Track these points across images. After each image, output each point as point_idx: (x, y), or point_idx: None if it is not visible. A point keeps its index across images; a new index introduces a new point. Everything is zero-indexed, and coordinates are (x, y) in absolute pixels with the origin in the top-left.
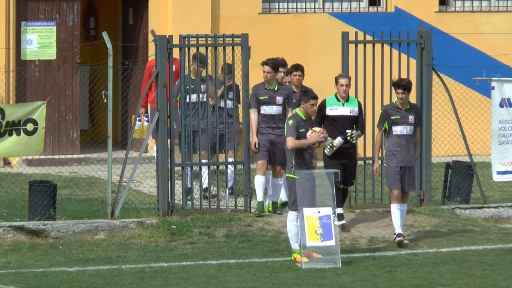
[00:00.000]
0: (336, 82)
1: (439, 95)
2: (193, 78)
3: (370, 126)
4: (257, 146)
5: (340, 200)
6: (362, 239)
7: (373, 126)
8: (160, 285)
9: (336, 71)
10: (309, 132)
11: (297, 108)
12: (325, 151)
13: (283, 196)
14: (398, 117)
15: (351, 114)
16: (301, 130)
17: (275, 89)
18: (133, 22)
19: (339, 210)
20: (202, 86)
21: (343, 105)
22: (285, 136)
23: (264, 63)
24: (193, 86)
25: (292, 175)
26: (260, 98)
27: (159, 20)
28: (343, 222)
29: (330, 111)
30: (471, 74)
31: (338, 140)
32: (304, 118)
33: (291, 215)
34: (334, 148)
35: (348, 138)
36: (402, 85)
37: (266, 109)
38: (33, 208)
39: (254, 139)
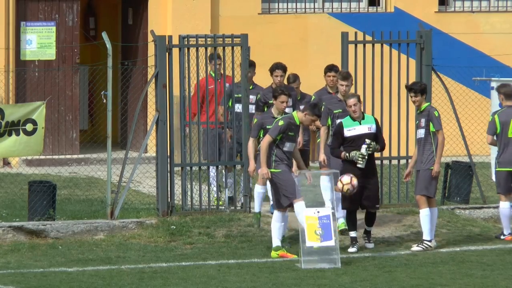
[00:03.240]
0: (346, 104)
1: (438, 95)
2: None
3: None
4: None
5: (367, 221)
6: (362, 239)
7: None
8: (160, 285)
9: None
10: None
11: (295, 112)
12: (358, 165)
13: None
14: (417, 121)
15: (370, 132)
16: (290, 133)
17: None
18: (133, 22)
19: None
20: (251, 96)
21: (360, 123)
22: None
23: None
24: (240, 95)
25: (273, 170)
26: (268, 127)
27: (158, 20)
28: (370, 245)
29: (348, 132)
30: (470, 74)
31: (364, 148)
32: (298, 123)
33: (277, 214)
34: (366, 157)
35: (366, 147)
36: (409, 88)
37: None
38: (33, 208)
39: (252, 166)
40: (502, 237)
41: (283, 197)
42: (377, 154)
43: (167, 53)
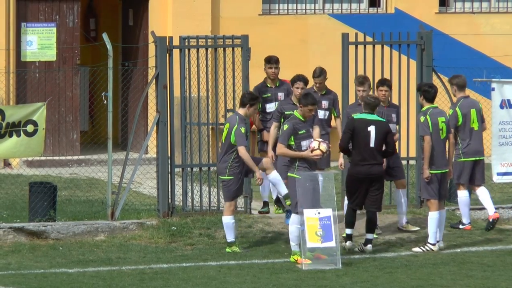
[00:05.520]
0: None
1: (439, 96)
2: (268, 85)
3: None
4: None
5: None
6: (363, 240)
7: None
8: (160, 286)
9: (336, 73)
10: (315, 143)
11: (295, 111)
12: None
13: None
14: None
15: None
16: (300, 132)
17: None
18: (133, 23)
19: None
20: (279, 93)
21: None
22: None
23: (297, 79)
24: (269, 94)
25: (294, 175)
26: (287, 113)
27: (159, 21)
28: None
29: None
30: (471, 75)
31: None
32: (302, 119)
33: (294, 217)
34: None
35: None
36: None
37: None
38: (33, 209)
39: (270, 152)
40: (461, 226)
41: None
42: None
43: (167, 54)
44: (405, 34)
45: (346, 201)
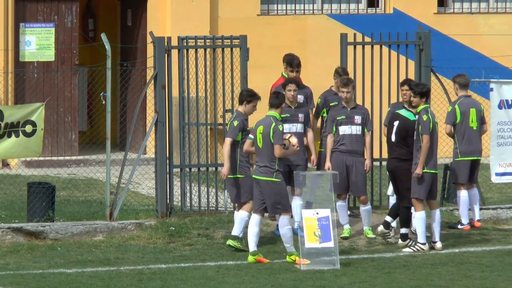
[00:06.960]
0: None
1: (437, 97)
2: (289, 105)
3: (377, 126)
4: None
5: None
6: (361, 240)
7: (380, 126)
8: (159, 287)
9: None
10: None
11: (272, 111)
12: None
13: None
14: None
15: None
16: (285, 132)
17: (296, 106)
18: (132, 24)
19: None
20: (299, 96)
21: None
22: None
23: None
24: (288, 115)
25: (274, 179)
26: (283, 116)
27: (157, 22)
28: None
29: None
30: (469, 75)
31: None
32: (279, 119)
33: (283, 219)
34: None
35: None
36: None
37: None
38: (32, 210)
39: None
40: (459, 226)
41: (276, 204)
42: (377, 156)
43: (166, 55)
44: (404, 34)
45: (338, 202)
